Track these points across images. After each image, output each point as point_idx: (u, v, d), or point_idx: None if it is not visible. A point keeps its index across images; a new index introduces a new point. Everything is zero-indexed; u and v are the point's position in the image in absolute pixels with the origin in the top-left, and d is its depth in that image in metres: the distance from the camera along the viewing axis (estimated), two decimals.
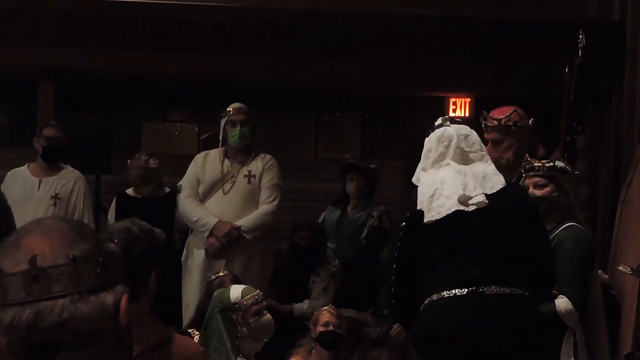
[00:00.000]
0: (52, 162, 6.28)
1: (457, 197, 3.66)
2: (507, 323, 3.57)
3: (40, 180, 6.22)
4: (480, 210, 3.66)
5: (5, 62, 7.25)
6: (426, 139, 3.93)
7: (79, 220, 1.45)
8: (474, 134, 3.92)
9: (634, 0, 7.18)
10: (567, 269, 4.24)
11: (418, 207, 3.70)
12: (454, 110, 9.24)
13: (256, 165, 6.04)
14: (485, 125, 4.85)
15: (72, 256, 1.33)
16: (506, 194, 3.74)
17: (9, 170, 6.44)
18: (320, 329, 5.08)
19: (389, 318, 6.06)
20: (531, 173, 4.49)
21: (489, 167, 3.85)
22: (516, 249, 3.67)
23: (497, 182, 3.76)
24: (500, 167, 4.81)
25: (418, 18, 7.36)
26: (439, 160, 3.83)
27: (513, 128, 4.79)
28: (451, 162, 3.81)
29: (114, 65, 7.26)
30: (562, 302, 4.22)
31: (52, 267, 1.32)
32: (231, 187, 5.97)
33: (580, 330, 4.26)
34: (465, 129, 3.90)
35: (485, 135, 4.83)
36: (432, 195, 3.70)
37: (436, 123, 3.97)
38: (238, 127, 5.99)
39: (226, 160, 6.04)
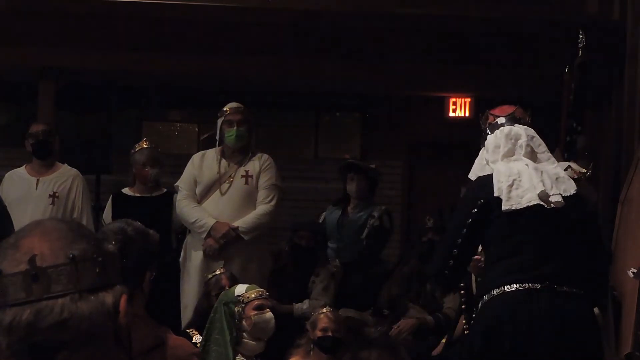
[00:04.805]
0: (43, 157, 6.22)
1: (538, 191, 3.71)
2: (577, 322, 3.65)
3: (37, 180, 6.19)
4: (557, 210, 3.72)
5: (5, 62, 7.24)
6: (490, 136, 3.99)
7: (77, 221, 1.45)
8: (537, 136, 3.99)
9: (634, 0, 7.17)
10: None
11: (495, 194, 3.73)
12: (454, 110, 9.24)
13: (253, 165, 5.98)
14: (489, 124, 4.85)
15: (71, 256, 1.33)
16: (577, 199, 3.82)
17: (9, 170, 6.43)
18: (319, 334, 5.05)
19: (389, 318, 6.06)
20: None
21: (560, 170, 3.94)
22: (583, 253, 3.76)
23: (570, 186, 3.84)
24: None
25: (418, 18, 7.35)
26: (507, 155, 3.89)
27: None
28: (522, 157, 3.87)
29: (114, 65, 7.25)
30: None
31: (51, 267, 1.32)
32: (228, 188, 5.93)
33: None
34: (530, 130, 3.97)
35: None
36: (511, 185, 3.74)
37: (499, 121, 4.03)
38: (235, 127, 5.94)
39: (223, 161, 5.98)
